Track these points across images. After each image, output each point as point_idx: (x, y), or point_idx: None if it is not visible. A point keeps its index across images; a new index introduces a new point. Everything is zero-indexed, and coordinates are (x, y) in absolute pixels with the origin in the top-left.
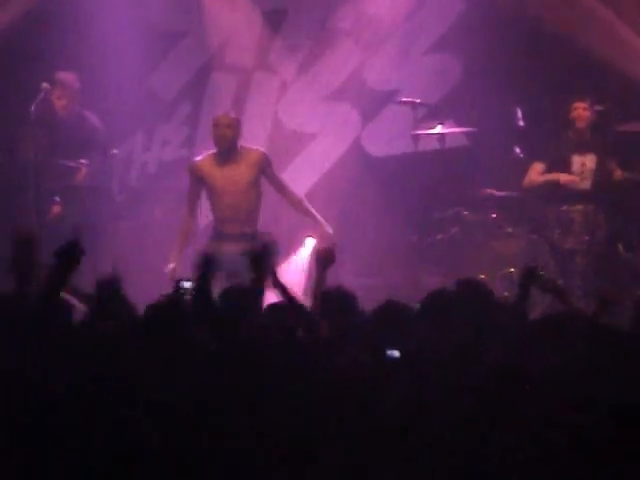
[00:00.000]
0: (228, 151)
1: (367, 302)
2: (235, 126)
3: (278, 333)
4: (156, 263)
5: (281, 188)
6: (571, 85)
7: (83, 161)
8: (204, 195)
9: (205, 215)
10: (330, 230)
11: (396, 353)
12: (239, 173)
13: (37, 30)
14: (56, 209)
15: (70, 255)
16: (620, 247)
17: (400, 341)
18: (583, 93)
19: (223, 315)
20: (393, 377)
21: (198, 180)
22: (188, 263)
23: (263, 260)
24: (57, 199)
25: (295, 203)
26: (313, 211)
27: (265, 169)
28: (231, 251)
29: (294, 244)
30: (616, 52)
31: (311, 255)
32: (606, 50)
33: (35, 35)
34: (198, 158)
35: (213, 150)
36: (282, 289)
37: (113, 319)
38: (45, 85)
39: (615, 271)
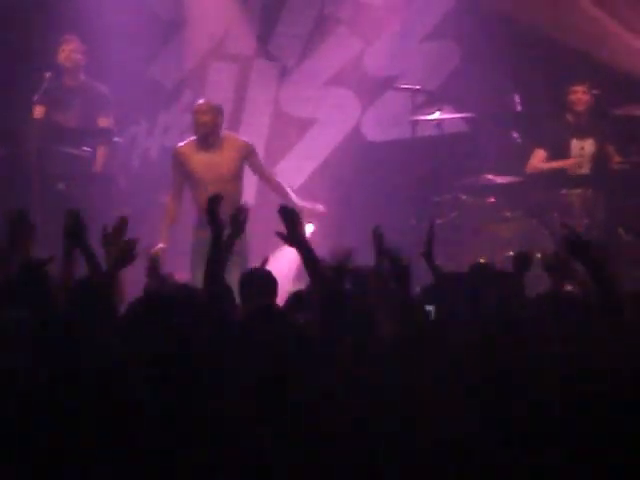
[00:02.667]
0: (207, 137)
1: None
2: (213, 112)
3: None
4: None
5: (266, 178)
6: (567, 70)
7: (86, 149)
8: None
9: None
10: (321, 207)
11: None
12: (219, 160)
13: (37, 19)
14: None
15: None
16: (620, 230)
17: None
18: (579, 77)
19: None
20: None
21: (179, 165)
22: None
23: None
24: (61, 186)
25: (282, 194)
26: (298, 200)
27: (249, 158)
28: None
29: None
30: (607, 47)
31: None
32: (596, 46)
33: (35, 25)
34: (180, 144)
35: (194, 137)
36: (301, 246)
37: None
38: (48, 74)
39: (615, 254)
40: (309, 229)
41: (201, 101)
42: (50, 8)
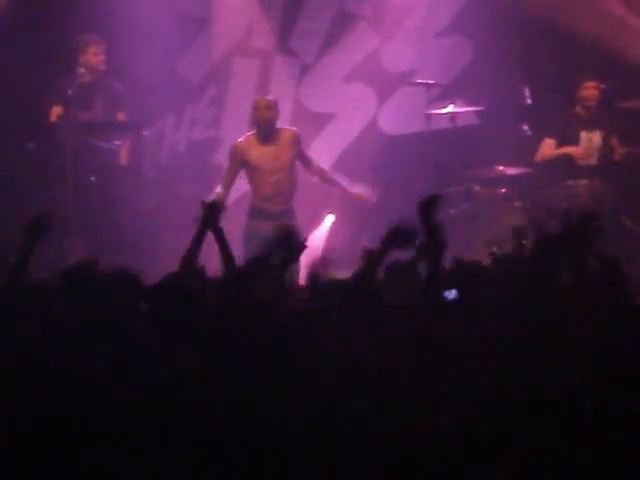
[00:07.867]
0: (268, 132)
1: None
2: (274, 107)
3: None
4: (182, 240)
5: (309, 163)
6: (577, 63)
7: (117, 142)
8: (243, 175)
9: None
10: (363, 190)
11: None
12: (280, 152)
13: (67, 17)
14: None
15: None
16: (625, 219)
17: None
18: (589, 71)
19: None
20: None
21: (239, 162)
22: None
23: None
24: (93, 179)
25: (325, 177)
26: (340, 180)
27: (298, 146)
28: (270, 229)
29: (316, 221)
30: (619, 37)
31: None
32: (610, 36)
33: (64, 22)
34: (240, 140)
35: (252, 132)
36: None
37: None
38: (82, 70)
39: (620, 242)
40: (330, 219)
41: (259, 97)
42: (79, 6)
